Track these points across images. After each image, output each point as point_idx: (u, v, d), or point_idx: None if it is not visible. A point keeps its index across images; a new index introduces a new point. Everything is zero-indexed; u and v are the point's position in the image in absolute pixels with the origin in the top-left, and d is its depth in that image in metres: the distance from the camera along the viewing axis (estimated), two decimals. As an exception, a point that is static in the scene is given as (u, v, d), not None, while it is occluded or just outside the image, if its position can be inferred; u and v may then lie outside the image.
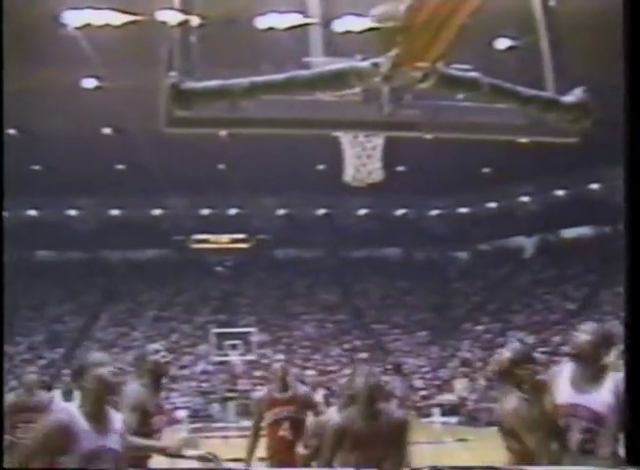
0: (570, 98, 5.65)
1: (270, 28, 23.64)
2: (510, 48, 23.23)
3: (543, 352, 35.59)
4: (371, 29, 4.67)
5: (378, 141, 5.64)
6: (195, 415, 31.89)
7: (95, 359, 4.91)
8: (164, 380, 5.76)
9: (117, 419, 4.81)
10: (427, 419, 29.89)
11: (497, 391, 5.61)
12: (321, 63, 4.94)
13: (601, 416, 5.21)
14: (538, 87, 5.69)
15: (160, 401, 6.32)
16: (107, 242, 45.02)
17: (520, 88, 5.41)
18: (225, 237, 46.86)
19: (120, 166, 36.54)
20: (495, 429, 5.50)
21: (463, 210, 48.47)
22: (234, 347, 36.19)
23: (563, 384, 5.48)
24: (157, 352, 6.24)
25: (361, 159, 5.54)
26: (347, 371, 39.10)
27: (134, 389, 6.16)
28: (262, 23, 23.92)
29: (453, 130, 5.81)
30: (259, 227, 46.89)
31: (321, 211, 48.12)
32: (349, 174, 5.66)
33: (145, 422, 5.92)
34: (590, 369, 5.53)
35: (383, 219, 47.90)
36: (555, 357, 33.96)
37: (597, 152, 34.14)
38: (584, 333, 5.80)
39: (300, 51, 5.20)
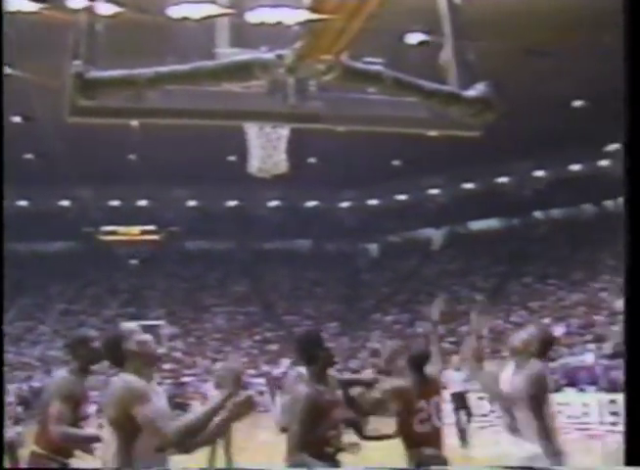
0: (472, 92, 5.78)
1: (185, 18, 23.42)
2: (421, 43, 23.44)
3: (451, 343, 36.22)
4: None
5: (283, 132, 5.68)
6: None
7: (131, 328, 4.92)
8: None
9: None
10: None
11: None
12: (227, 54, 4.96)
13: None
14: (446, 82, 5.82)
15: (87, 389, 6.13)
16: (13, 233, 44.01)
17: (423, 82, 5.52)
18: (135, 229, 46.35)
19: (29, 156, 35.76)
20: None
21: (373, 201, 48.86)
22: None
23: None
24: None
25: (266, 150, 5.58)
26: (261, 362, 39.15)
27: (64, 377, 6.04)
28: (176, 12, 23.66)
29: (358, 122, 5.90)
30: (170, 219, 46.50)
31: (232, 203, 47.94)
32: (254, 165, 5.69)
33: (74, 410, 5.84)
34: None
35: (293, 211, 47.98)
36: (461, 346, 34.63)
37: (505, 145, 34.92)
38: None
39: (208, 42, 5.22)
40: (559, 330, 29.19)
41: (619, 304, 28.69)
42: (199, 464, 10.22)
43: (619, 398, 18.88)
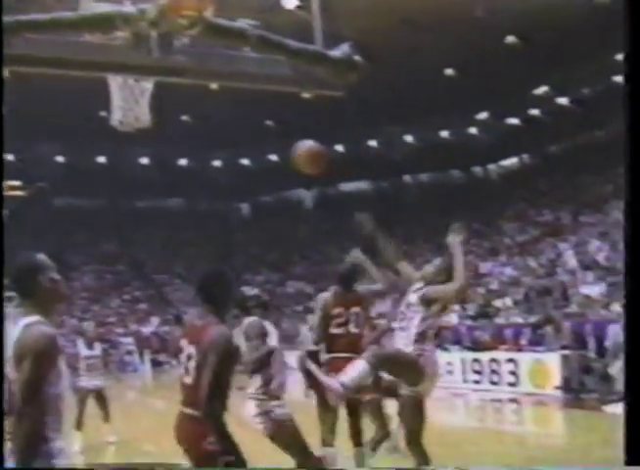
0: (336, 52, 5.88)
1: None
2: (298, 7, 23.48)
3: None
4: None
5: (147, 86, 5.66)
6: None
7: (46, 261, 4.31)
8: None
9: None
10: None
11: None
12: (90, 6, 4.91)
13: None
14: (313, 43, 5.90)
15: None
16: None
17: (288, 41, 5.59)
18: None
19: None
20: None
21: (245, 161, 48.77)
22: (9, 299, 34.85)
23: None
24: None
25: (128, 103, 5.55)
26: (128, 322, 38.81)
27: None
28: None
29: (224, 78, 5.93)
30: (37, 174, 45.32)
31: (102, 159, 47.00)
32: (116, 118, 5.66)
33: None
34: None
35: (165, 169, 47.41)
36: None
37: (375, 109, 35.38)
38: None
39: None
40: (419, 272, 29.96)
41: (484, 267, 29.61)
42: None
43: (483, 356, 19.60)
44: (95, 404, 12.57)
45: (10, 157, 44.45)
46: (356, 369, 6.08)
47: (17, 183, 44.32)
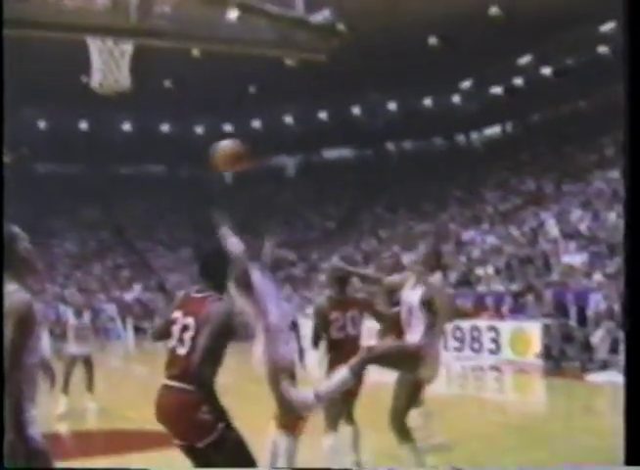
0: (317, 17, 5.83)
1: None
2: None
3: (302, 269, 36.78)
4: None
5: (127, 48, 5.59)
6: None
7: (18, 232, 4.29)
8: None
9: None
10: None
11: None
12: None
13: None
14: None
15: None
16: None
17: (269, 5, 5.53)
18: (-20, 150, 44.63)
19: None
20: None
21: (227, 127, 48.50)
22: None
23: None
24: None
25: (108, 65, 5.48)
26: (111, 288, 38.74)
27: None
28: None
29: (203, 42, 5.86)
30: (19, 140, 44.96)
31: (83, 126, 46.65)
32: (96, 81, 5.61)
33: None
34: None
35: (147, 135, 47.08)
36: (312, 273, 35.15)
37: (358, 76, 35.23)
38: None
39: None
40: (406, 258, 29.94)
41: (466, 235, 29.66)
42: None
43: (464, 324, 19.67)
44: (81, 370, 12.64)
45: (-11, 123, 43.98)
46: (336, 379, 6.08)
47: (-3, 149, 43.95)
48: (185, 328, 4.88)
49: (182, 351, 4.84)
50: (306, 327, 24.83)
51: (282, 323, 6.33)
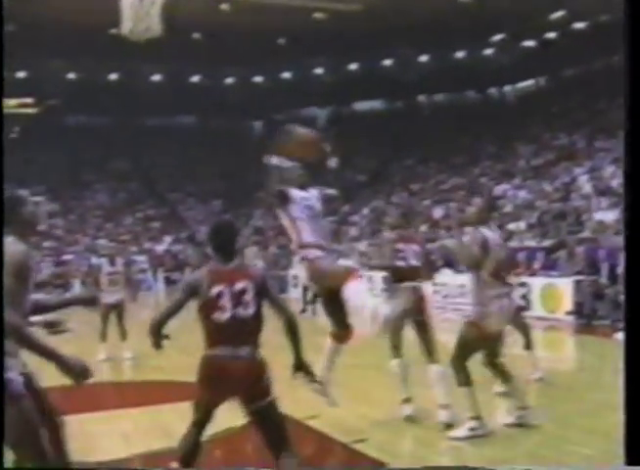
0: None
1: None
2: None
3: (333, 222, 36.70)
4: None
5: (156, -3, 5.53)
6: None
7: (24, 196, 4.59)
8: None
9: None
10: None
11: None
12: None
13: None
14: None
15: None
16: None
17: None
18: (12, 101, 44.77)
19: None
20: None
21: (257, 79, 48.33)
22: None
23: None
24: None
25: (138, 12, 5.43)
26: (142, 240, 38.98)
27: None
28: None
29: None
30: (49, 92, 45.03)
31: (113, 77, 46.61)
32: (126, 27, 5.57)
33: None
34: None
35: (177, 86, 46.97)
36: (343, 226, 35.14)
37: (389, 29, 34.86)
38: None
39: None
40: (438, 212, 29.86)
41: (498, 189, 29.47)
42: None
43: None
44: (115, 319, 13.02)
45: (21, 74, 44.15)
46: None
47: (28, 100, 44.09)
48: (244, 291, 5.13)
49: (250, 311, 5.12)
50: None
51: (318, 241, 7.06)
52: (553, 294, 18.19)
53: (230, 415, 5.40)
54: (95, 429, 4.97)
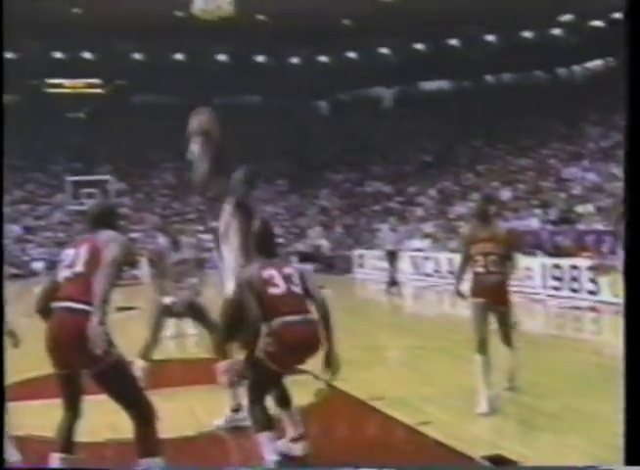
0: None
1: None
2: None
3: (399, 202, 36.60)
4: None
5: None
6: (52, 266, 31.38)
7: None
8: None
9: None
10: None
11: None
12: None
13: None
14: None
15: None
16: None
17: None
18: (80, 82, 45.41)
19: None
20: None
21: (323, 58, 48.25)
22: (90, 195, 35.37)
23: None
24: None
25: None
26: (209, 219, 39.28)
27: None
28: None
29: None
30: (115, 72, 45.52)
31: (179, 56, 46.92)
32: (198, 5, 5.61)
33: None
34: None
35: (242, 66, 47.09)
36: (409, 207, 34.99)
37: (456, 7, 34.50)
38: None
39: None
40: (505, 194, 29.54)
41: (567, 171, 29.03)
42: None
43: (563, 262, 19.25)
44: None
45: (88, 55, 44.72)
46: None
47: (96, 81, 44.63)
48: (290, 275, 5.66)
49: (299, 289, 5.60)
50: (404, 260, 24.55)
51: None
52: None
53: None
54: (161, 406, 5.06)
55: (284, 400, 5.88)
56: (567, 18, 39.78)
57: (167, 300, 9.40)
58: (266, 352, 5.40)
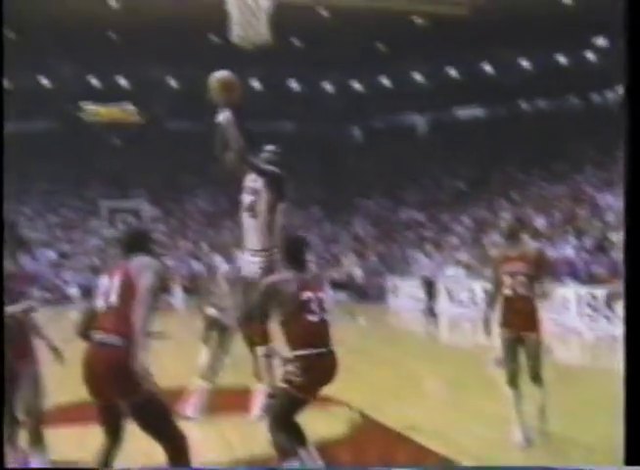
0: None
1: None
2: None
3: (432, 230, 36.48)
4: None
5: (264, 3, 5.57)
6: (86, 292, 31.52)
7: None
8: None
9: None
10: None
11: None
12: None
13: None
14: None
15: None
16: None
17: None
18: (116, 108, 45.83)
19: (8, 33, 34.82)
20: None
21: (356, 85, 48.36)
22: (125, 221, 35.67)
23: None
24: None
25: (246, 16, 5.48)
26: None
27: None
28: None
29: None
30: (151, 99, 45.91)
31: (212, 82, 47.24)
32: (236, 32, 5.64)
33: None
34: None
35: (275, 92, 47.30)
36: (443, 234, 34.86)
37: (490, 33, 34.50)
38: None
39: None
40: (539, 221, 29.34)
41: (602, 199, 28.79)
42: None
43: (598, 292, 19.02)
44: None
45: (124, 82, 45.12)
46: None
47: (132, 108, 45.02)
48: (322, 300, 5.75)
49: (329, 317, 5.75)
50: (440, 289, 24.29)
51: None
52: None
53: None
54: (195, 434, 5.08)
55: (300, 438, 5.83)
56: (600, 41, 39.67)
57: (213, 312, 9.40)
58: (291, 381, 5.42)
